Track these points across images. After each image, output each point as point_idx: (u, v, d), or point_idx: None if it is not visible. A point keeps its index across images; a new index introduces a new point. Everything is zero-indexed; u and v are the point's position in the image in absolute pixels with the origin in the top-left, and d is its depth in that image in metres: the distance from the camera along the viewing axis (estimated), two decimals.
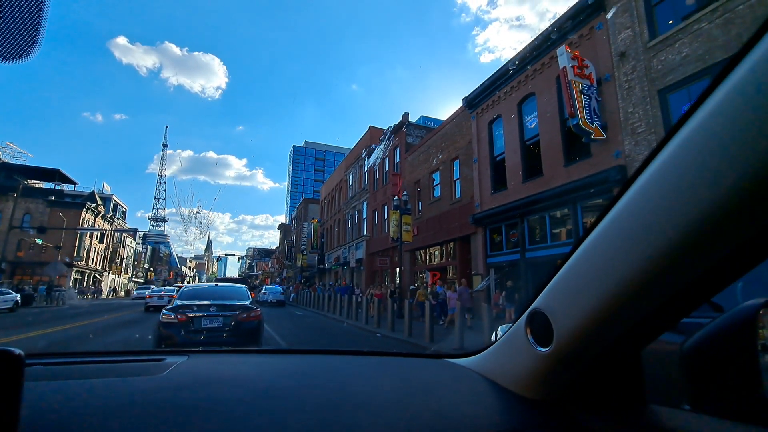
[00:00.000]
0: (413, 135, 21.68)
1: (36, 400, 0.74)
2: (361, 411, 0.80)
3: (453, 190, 16.40)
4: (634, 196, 0.56)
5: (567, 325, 0.70)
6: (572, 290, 0.69)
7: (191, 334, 5.80)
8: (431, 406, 0.84)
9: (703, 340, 0.66)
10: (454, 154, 16.34)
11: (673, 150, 0.50)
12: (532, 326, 0.81)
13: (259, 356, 1.39)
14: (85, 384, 0.89)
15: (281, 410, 0.78)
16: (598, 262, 0.62)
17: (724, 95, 0.45)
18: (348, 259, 27.20)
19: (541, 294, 0.78)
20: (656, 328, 0.68)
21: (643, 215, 0.53)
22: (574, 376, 0.77)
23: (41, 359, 1.08)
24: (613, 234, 0.59)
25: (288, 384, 0.95)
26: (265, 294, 26.31)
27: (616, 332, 0.66)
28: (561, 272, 0.72)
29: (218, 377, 0.98)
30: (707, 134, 0.46)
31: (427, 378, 1.07)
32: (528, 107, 12.39)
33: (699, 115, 0.47)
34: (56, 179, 43.06)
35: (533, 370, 0.82)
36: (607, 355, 0.72)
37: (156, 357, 1.14)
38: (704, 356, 0.65)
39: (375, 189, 24.63)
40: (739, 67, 0.44)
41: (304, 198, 50.65)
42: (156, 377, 0.94)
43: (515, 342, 0.88)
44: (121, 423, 0.70)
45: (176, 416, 0.73)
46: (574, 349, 0.72)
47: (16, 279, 35.34)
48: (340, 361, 1.26)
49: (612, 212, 0.60)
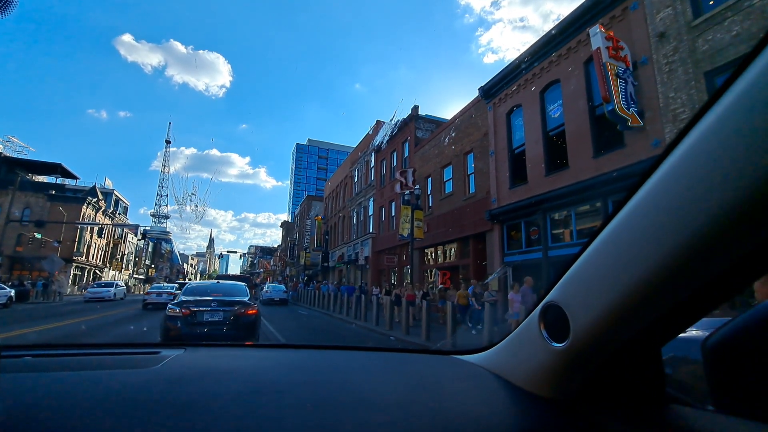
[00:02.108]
0: (423, 129, 20.90)
1: (23, 391, 0.74)
2: (364, 408, 0.76)
3: (467, 185, 15.63)
4: (658, 182, 0.53)
5: (585, 319, 0.66)
6: (591, 282, 0.65)
7: (194, 326, 6.33)
8: (437, 404, 0.81)
9: (727, 336, 0.63)
10: (468, 147, 15.56)
11: (697, 138, 0.48)
12: (546, 320, 0.77)
13: (258, 350, 1.34)
14: (76, 376, 0.86)
15: (279, 406, 0.74)
16: (620, 252, 0.58)
17: (744, 87, 0.43)
18: (353, 256, 26.45)
19: (557, 286, 0.74)
20: (678, 324, 0.63)
21: (669, 205, 0.50)
22: (590, 374, 0.73)
23: (30, 351, 1.06)
24: (635, 224, 0.56)
25: (287, 379, 0.91)
26: (267, 292, 25.51)
27: (635, 327, 0.62)
28: (578, 262, 0.68)
29: (214, 371, 0.94)
30: (729, 125, 0.44)
31: (433, 375, 1.02)
32: (551, 95, 11.59)
33: (723, 102, 0.45)
34: (58, 174, 42.52)
35: (547, 367, 0.77)
36: (626, 351, 0.68)
37: (151, 350, 1.10)
38: (728, 354, 0.62)
39: (382, 185, 23.87)
40: (754, 65, 0.43)
41: (307, 195, 49.94)
42: (149, 370, 0.91)
43: (528, 337, 0.83)
44: (111, 415, 0.67)
45: (168, 410, 0.70)
46: (591, 345, 0.67)
47: (15, 274, 34.81)
48: (342, 356, 1.21)
49: (634, 199, 0.56)
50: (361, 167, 27.70)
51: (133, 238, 61.07)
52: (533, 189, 11.73)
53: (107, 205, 48.80)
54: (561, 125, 11.11)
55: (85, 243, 43.03)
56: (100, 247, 48.10)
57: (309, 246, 38.29)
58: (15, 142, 47.43)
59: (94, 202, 42.87)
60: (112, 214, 49.83)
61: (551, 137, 11.53)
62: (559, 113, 11.21)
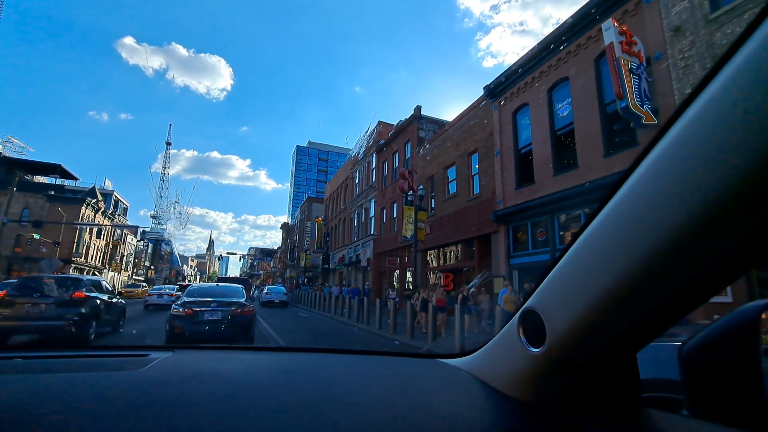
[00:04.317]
0: (425, 129, 20.60)
1: (11, 393, 0.75)
2: (345, 410, 0.76)
3: (471, 186, 15.31)
4: (629, 190, 0.53)
5: (560, 325, 0.67)
6: (565, 289, 0.66)
7: (196, 324, 7.01)
8: (419, 406, 0.82)
9: (703, 342, 0.64)
10: (473, 147, 15.24)
11: (668, 145, 0.48)
12: (525, 326, 0.78)
13: (247, 353, 1.33)
14: (64, 378, 0.86)
15: (259, 408, 0.75)
16: (592, 259, 0.59)
17: (717, 89, 0.43)
18: (354, 258, 26.10)
19: (535, 292, 0.74)
20: (653, 330, 0.64)
21: (639, 210, 0.51)
22: (567, 378, 0.74)
23: (21, 352, 1.07)
24: (608, 230, 0.56)
25: (269, 381, 0.91)
26: (268, 294, 25.08)
27: (611, 333, 0.62)
28: (555, 270, 0.68)
29: (200, 373, 0.94)
30: (701, 130, 0.44)
31: (417, 377, 1.03)
32: (560, 93, 11.28)
33: (691, 111, 0.46)
34: (57, 174, 42.21)
35: (525, 371, 0.79)
36: (602, 356, 0.68)
37: (140, 352, 1.10)
38: (704, 359, 0.63)
39: (384, 186, 23.55)
40: (733, 60, 0.42)
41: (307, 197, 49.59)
42: (136, 372, 0.91)
43: (508, 342, 0.84)
44: (95, 417, 0.68)
45: (151, 412, 0.71)
46: (567, 350, 0.68)
47: (12, 275, 34.46)
48: (328, 359, 1.22)
49: (607, 207, 0.57)
50: (363, 168, 27.37)
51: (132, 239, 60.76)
52: (541, 189, 11.41)
53: (107, 206, 48.47)
54: (570, 124, 10.79)
55: (84, 244, 42.67)
56: (99, 248, 47.73)
57: (309, 248, 37.94)
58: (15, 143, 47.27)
59: (93, 203, 42.55)
60: (111, 215, 49.47)
61: (559, 136, 11.22)
62: (567, 112, 10.90)
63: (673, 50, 8.44)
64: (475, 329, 10.65)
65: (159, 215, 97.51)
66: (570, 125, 10.78)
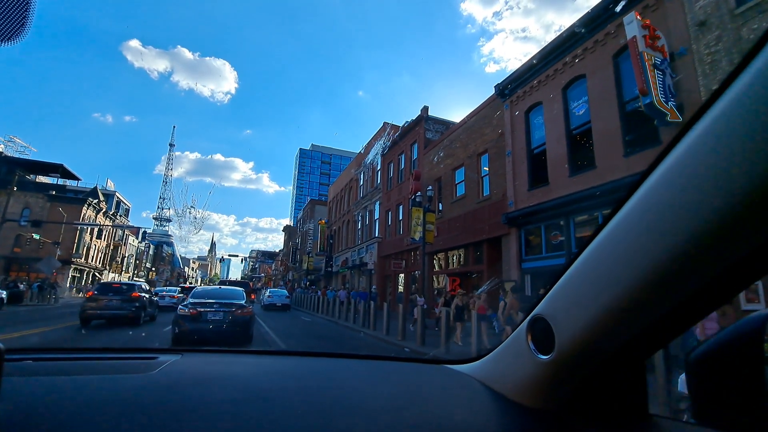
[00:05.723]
0: (432, 130, 20.26)
1: (23, 395, 0.74)
2: (354, 416, 0.76)
3: (480, 187, 14.94)
4: (641, 199, 0.53)
5: (568, 333, 0.66)
6: (574, 296, 0.65)
7: (200, 324, 7.65)
8: (427, 413, 0.82)
9: (708, 351, 0.64)
10: (482, 148, 14.90)
11: (682, 153, 0.48)
12: (534, 333, 0.77)
13: (255, 357, 1.34)
14: (74, 381, 0.85)
15: (271, 413, 0.74)
16: (601, 267, 0.59)
17: (734, 96, 0.43)
18: (357, 261, 25.70)
19: (544, 299, 0.74)
20: (661, 338, 0.64)
21: (650, 219, 0.51)
22: (575, 385, 0.73)
23: (32, 354, 1.06)
24: (618, 239, 0.56)
25: (280, 386, 0.91)
26: (270, 297, 24.63)
27: (619, 341, 0.62)
28: (564, 277, 0.69)
29: (210, 377, 0.94)
30: (716, 137, 0.44)
31: (424, 383, 1.03)
32: (575, 92, 10.94)
33: (707, 118, 0.45)
34: (59, 174, 41.96)
35: (533, 378, 0.78)
36: (610, 364, 0.68)
37: (149, 355, 1.09)
38: (709, 368, 0.64)
39: (389, 188, 23.20)
40: (753, 65, 0.42)
41: (310, 199, 49.27)
42: (146, 375, 0.91)
43: (516, 348, 0.83)
44: (107, 421, 0.67)
45: (162, 415, 0.70)
46: (575, 358, 0.68)
47: (12, 275, 34.10)
48: (336, 364, 1.21)
49: (618, 216, 0.57)
50: (367, 170, 27.03)
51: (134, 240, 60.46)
52: (555, 191, 11.04)
53: (108, 206, 48.18)
54: (586, 123, 10.43)
55: (85, 244, 42.35)
56: (99, 248, 47.42)
57: (312, 250, 37.55)
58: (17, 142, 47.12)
59: (94, 203, 42.27)
60: (113, 215, 49.16)
61: (575, 136, 10.85)
62: (584, 110, 10.55)
63: (699, 45, 8.10)
64: (484, 336, 10.25)
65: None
66: (587, 124, 10.42)
